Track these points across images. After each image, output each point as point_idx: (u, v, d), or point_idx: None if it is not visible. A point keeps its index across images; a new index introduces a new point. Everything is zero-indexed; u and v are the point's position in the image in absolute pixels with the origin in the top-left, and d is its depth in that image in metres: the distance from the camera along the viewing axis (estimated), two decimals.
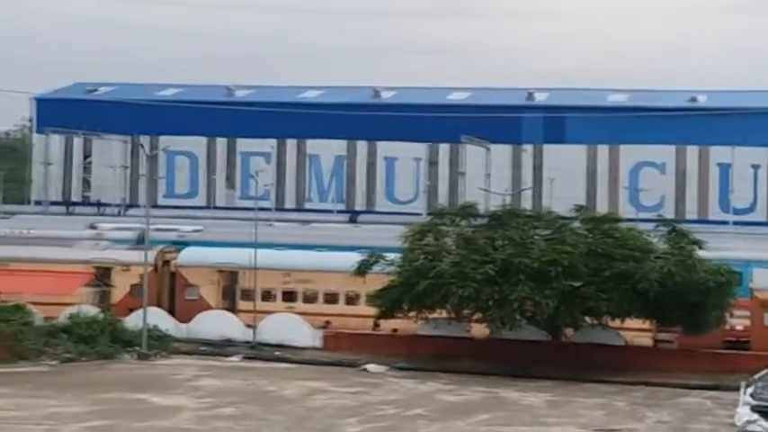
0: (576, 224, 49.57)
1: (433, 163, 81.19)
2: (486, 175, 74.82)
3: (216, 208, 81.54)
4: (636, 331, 49.41)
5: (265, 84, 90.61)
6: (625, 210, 70.35)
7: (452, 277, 45.99)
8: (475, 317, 48.56)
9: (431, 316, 49.27)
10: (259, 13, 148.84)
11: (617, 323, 48.22)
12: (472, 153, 78.71)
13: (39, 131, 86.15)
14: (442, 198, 77.85)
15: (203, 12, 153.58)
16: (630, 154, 78.83)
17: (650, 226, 51.01)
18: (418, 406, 40.07)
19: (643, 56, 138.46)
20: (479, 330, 49.46)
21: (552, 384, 44.46)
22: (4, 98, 61.88)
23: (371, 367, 47.36)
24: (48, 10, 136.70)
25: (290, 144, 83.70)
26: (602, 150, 79.48)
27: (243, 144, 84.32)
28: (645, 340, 50.11)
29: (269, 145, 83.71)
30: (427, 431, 36.20)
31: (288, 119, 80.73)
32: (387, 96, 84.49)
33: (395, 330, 50.95)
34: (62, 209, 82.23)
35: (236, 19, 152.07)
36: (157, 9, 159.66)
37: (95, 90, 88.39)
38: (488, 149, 76.46)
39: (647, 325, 49.17)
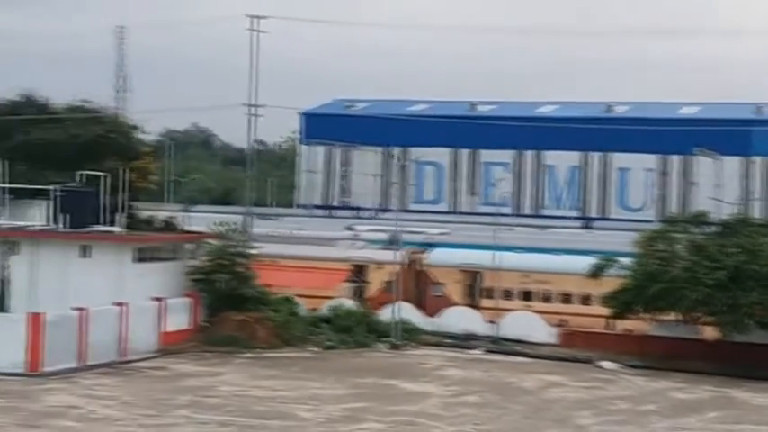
0: None
1: (664, 173, 78.96)
2: (716, 186, 72.04)
3: (459, 213, 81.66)
4: None
5: (505, 99, 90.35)
6: None
7: (685, 282, 44.72)
8: (705, 320, 46.98)
9: (662, 318, 48.01)
10: (495, 34, 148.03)
11: None
12: (703, 164, 76.04)
13: (304, 143, 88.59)
14: (673, 207, 75.57)
15: (448, 34, 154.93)
16: None
17: None
18: (650, 402, 39.08)
19: None
20: (708, 332, 47.76)
21: None
22: (277, 114, 64.09)
23: (605, 364, 46.42)
24: (307, 38, 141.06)
25: (529, 155, 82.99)
26: None
27: (485, 155, 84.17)
28: None
29: (508, 156, 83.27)
30: (659, 426, 35.28)
31: (526, 132, 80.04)
32: (619, 111, 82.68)
33: (629, 330, 49.81)
34: (324, 212, 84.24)
35: (477, 39, 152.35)
36: (407, 34, 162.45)
37: (353, 106, 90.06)
38: (719, 161, 73.69)
39: None
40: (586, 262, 49.35)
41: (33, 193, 47.87)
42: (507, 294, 53.57)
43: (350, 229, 65.43)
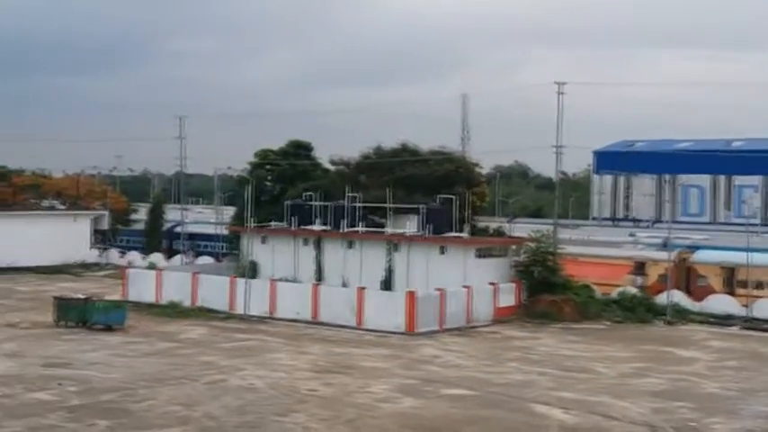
0: None
1: None
2: None
3: (718, 223, 76.47)
4: None
5: (758, 137, 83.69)
6: None
7: None
8: None
9: None
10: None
11: None
12: None
13: (596, 173, 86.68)
14: None
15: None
16: None
17: None
18: None
19: None
20: None
21: None
22: (574, 151, 63.07)
23: None
24: (599, 93, 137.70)
25: None
26: None
27: (738, 179, 78.44)
28: None
29: (757, 180, 77.23)
30: None
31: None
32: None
33: None
34: (610, 223, 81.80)
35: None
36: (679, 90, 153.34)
37: (633, 144, 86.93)
38: None
39: None
40: None
41: (408, 210, 50.31)
42: (758, 285, 49.53)
43: (631, 235, 63.06)
